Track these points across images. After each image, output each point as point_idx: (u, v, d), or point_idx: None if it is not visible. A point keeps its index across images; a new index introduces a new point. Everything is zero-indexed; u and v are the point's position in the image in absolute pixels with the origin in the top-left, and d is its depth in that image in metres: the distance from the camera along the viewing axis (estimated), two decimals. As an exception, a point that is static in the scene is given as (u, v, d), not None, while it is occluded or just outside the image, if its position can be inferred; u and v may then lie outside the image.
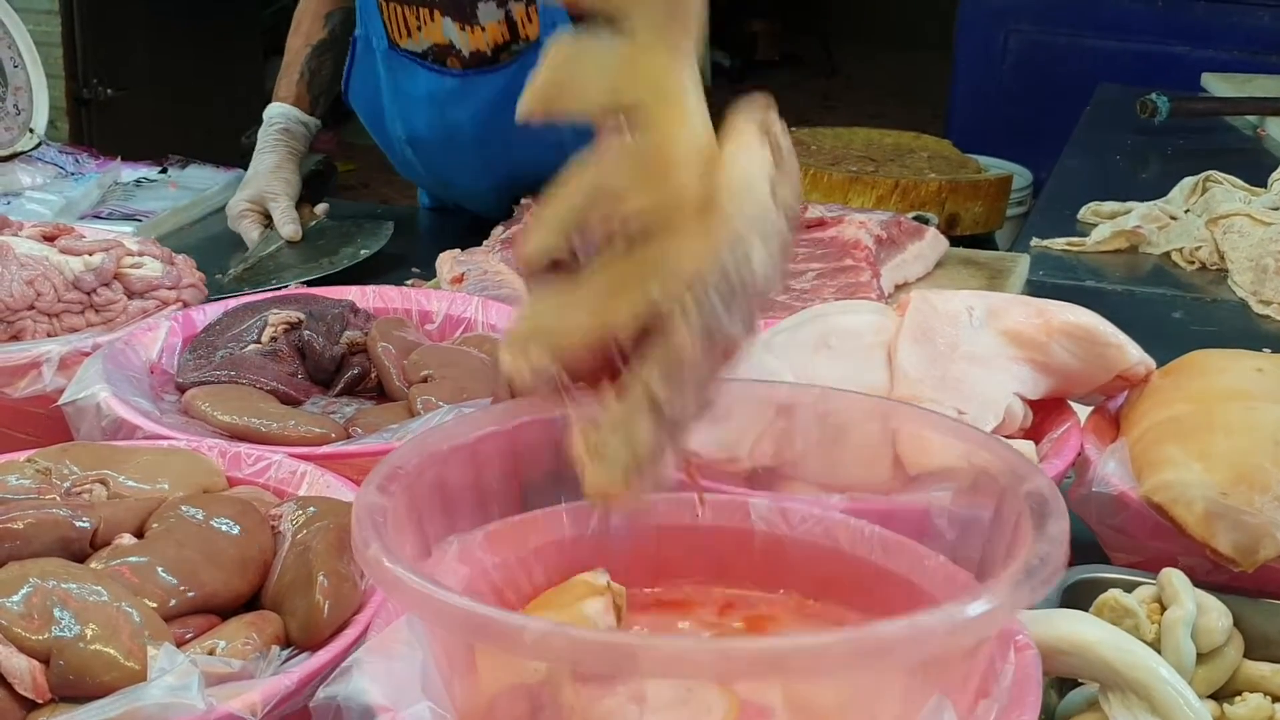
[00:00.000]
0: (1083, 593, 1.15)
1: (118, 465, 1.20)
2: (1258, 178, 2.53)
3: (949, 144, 3.18)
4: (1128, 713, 0.99)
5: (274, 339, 1.56)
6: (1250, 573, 1.15)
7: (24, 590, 0.98)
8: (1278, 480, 1.20)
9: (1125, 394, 1.41)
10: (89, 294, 1.61)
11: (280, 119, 2.35)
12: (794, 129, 3.15)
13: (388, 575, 0.85)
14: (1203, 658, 1.09)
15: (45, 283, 1.58)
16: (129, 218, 2.33)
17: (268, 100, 2.39)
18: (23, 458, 1.21)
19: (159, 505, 1.12)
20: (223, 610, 1.06)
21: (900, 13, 8.94)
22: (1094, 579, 1.18)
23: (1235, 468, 1.22)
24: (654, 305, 0.92)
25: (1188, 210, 2.47)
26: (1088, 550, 1.24)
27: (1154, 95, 3.15)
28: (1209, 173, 2.52)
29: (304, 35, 2.40)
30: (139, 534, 1.10)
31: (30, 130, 2.45)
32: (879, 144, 3.09)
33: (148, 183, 2.53)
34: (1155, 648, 1.05)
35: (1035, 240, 2.45)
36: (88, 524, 1.08)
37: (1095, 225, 2.49)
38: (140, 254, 1.71)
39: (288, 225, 2.23)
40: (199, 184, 2.52)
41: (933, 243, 2.18)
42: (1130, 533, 1.25)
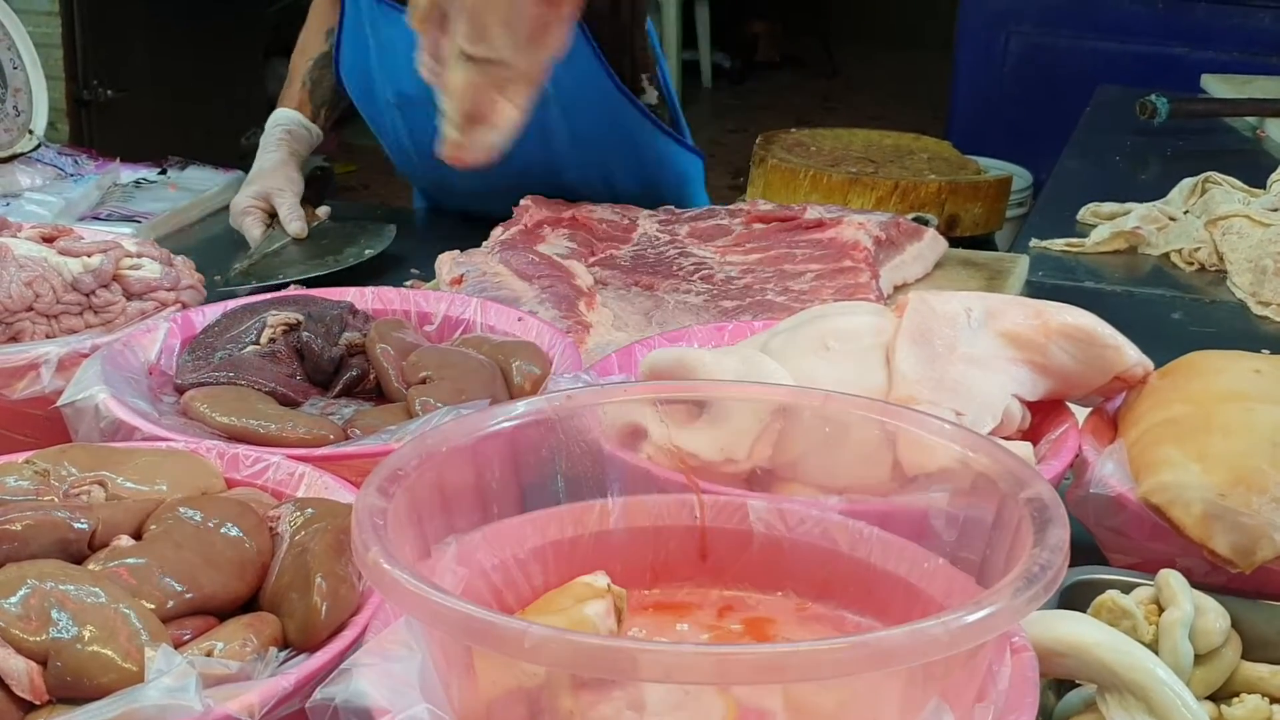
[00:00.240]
0: (1080, 594, 1.15)
1: (116, 467, 1.20)
2: (1257, 179, 2.53)
3: (949, 145, 3.17)
4: (1125, 714, 0.99)
5: (272, 340, 1.56)
6: (1248, 574, 1.15)
7: (22, 591, 0.98)
8: (1276, 482, 1.20)
9: (1123, 395, 1.41)
10: (88, 295, 1.61)
11: (284, 121, 2.37)
12: (794, 130, 3.15)
13: (387, 579, 0.85)
14: (1200, 659, 1.09)
15: (44, 284, 1.58)
16: (128, 219, 2.34)
17: (268, 101, 2.41)
18: (21, 459, 1.21)
19: (157, 507, 1.12)
20: (220, 612, 1.06)
21: (901, 14, 8.95)
22: (1092, 580, 1.18)
23: (1233, 469, 1.22)
24: None
25: (1187, 211, 2.47)
26: (1085, 552, 1.23)
27: (1153, 96, 3.15)
28: (1208, 174, 2.52)
29: (306, 51, 2.43)
30: (137, 535, 1.10)
31: (30, 132, 2.45)
32: (879, 145, 3.09)
33: (147, 184, 2.53)
34: (1153, 649, 1.05)
35: (1034, 241, 2.45)
36: (86, 525, 1.08)
37: (1094, 226, 2.49)
38: (139, 255, 1.71)
39: (294, 222, 2.23)
40: (198, 185, 2.53)
41: (932, 244, 2.18)
42: (1128, 534, 1.25)
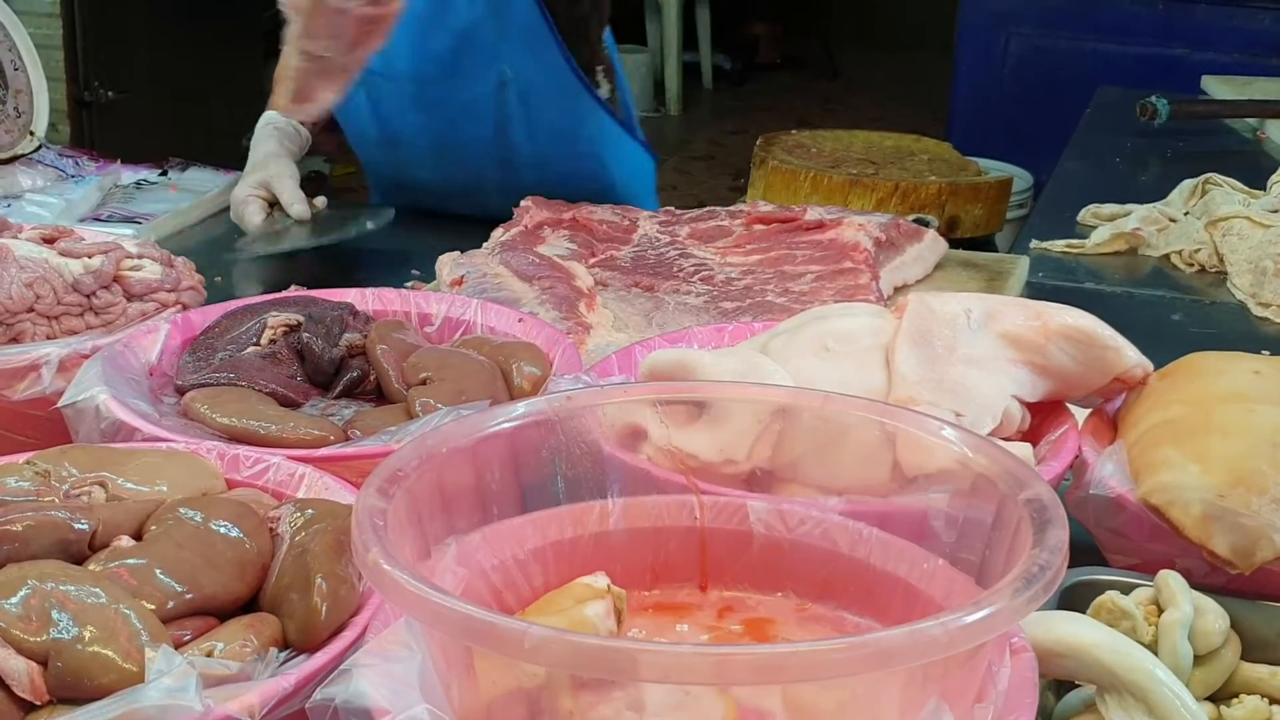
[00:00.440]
0: (1080, 595, 1.15)
1: (116, 467, 1.20)
2: (1257, 180, 2.53)
3: (949, 146, 3.18)
4: (1125, 715, 0.99)
5: (273, 341, 1.56)
6: (1247, 575, 1.15)
7: (22, 592, 0.98)
8: (1275, 482, 1.20)
9: (1123, 396, 1.41)
10: (88, 296, 1.61)
11: (274, 120, 2.39)
12: (795, 132, 3.16)
13: (387, 579, 0.85)
14: (1200, 660, 1.09)
15: (45, 285, 1.58)
16: (129, 220, 2.34)
17: (268, 103, 2.41)
18: (22, 460, 1.21)
19: (157, 507, 1.12)
20: (221, 612, 1.06)
21: (901, 16, 8.96)
22: (1091, 581, 1.18)
23: (1233, 470, 1.22)
24: None
25: (1187, 213, 2.47)
26: (1085, 552, 1.23)
27: (1154, 98, 3.15)
28: (1208, 175, 2.52)
29: None
30: (137, 536, 1.10)
31: (31, 133, 2.45)
32: (879, 147, 3.09)
33: (148, 184, 2.53)
34: (1152, 650, 1.05)
35: (1035, 242, 2.46)
36: (86, 526, 1.08)
37: (1095, 227, 2.50)
38: (140, 256, 1.71)
39: (296, 205, 2.25)
40: (199, 186, 2.53)
41: (932, 245, 2.19)
42: (1128, 535, 1.25)
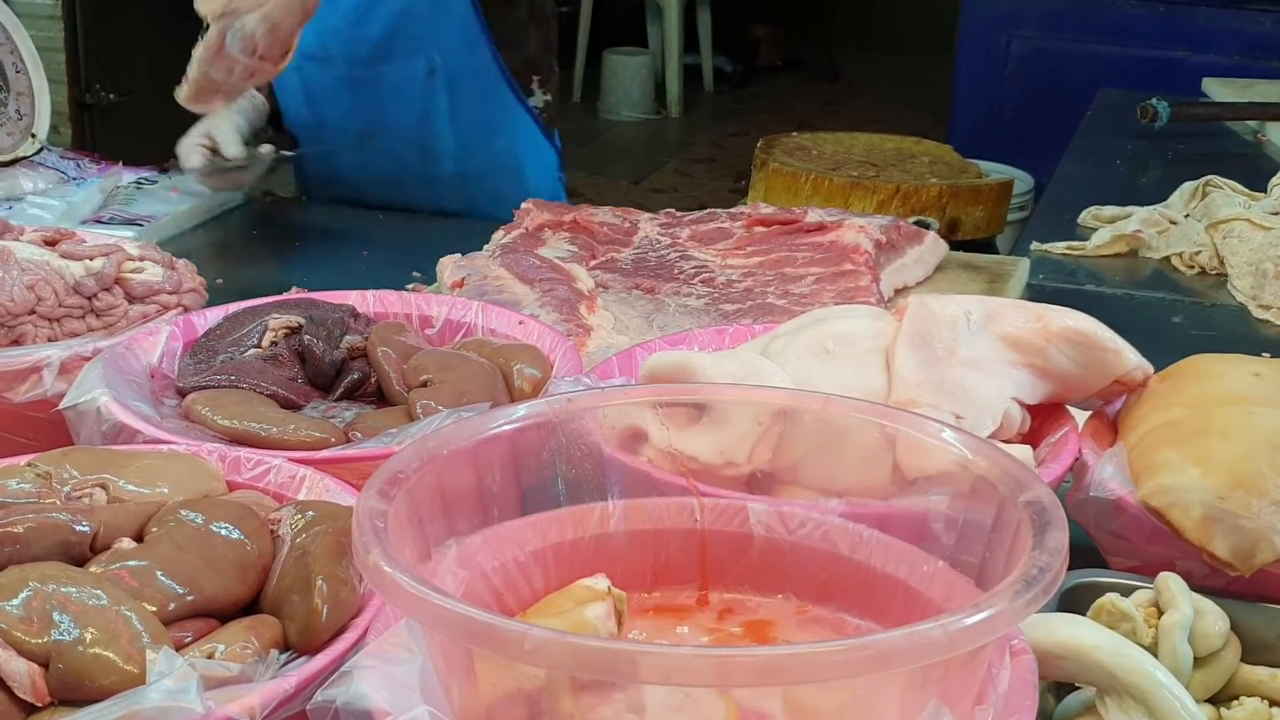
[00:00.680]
0: (1080, 597, 1.15)
1: (118, 469, 1.21)
2: (1258, 183, 2.53)
3: (950, 149, 3.17)
4: (1125, 717, 1.00)
5: (274, 343, 1.56)
6: (1247, 577, 1.15)
7: (24, 594, 0.98)
8: (1275, 485, 1.20)
9: (1123, 398, 1.41)
10: (90, 299, 1.62)
11: None
12: (795, 134, 3.16)
13: (388, 581, 0.85)
14: (1200, 662, 1.09)
15: (46, 287, 1.59)
16: (130, 222, 2.34)
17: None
18: (23, 462, 1.21)
19: (159, 509, 1.13)
20: (222, 614, 1.06)
21: (902, 18, 8.96)
22: (1091, 583, 1.18)
23: (1233, 472, 1.22)
24: None
25: (1187, 215, 2.47)
26: (1085, 554, 1.24)
27: (1154, 100, 3.15)
28: (1209, 177, 2.52)
29: None
30: (139, 538, 1.10)
31: (32, 135, 2.46)
32: (880, 149, 3.09)
33: (148, 184, 2.53)
34: (1152, 652, 1.05)
35: (1035, 244, 2.46)
36: (87, 528, 1.08)
37: (1095, 229, 2.50)
38: (141, 259, 1.71)
39: (231, 146, 2.38)
40: (200, 189, 2.52)
41: (932, 247, 2.19)
42: (1128, 537, 1.26)
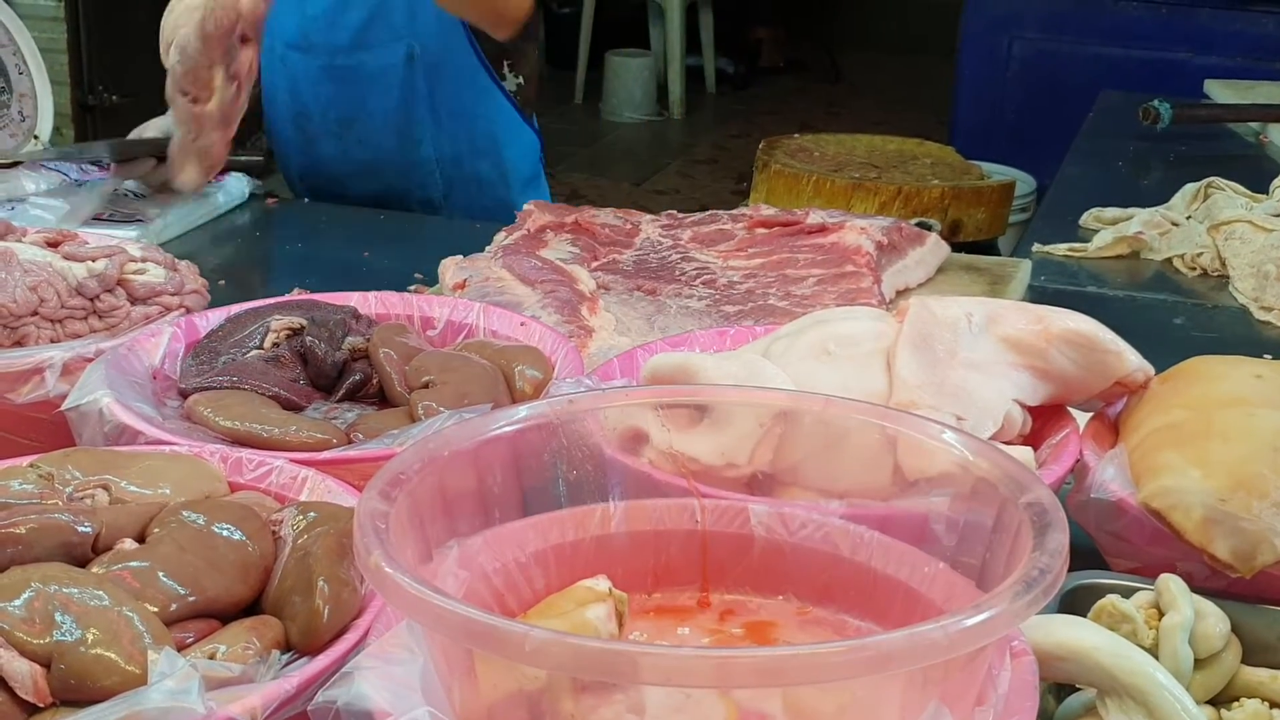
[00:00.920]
0: (1081, 598, 1.15)
1: (120, 470, 1.21)
2: (1259, 184, 2.53)
3: (952, 150, 3.18)
4: (1125, 718, 1.00)
5: (276, 345, 1.56)
6: (1248, 578, 1.15)
7: (26, 595, 0.98)
8: (1276, 486, 1.20)
9: (1125, 400, 1.41)
10: (92, 300, 1.62)
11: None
12: (797, 135, 3.16)
13: (389, 582, 0.85)
14: (1200, 663, 1.09)
15: (49, 289, 1.59)
16: (132, 223, 2.34)
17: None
18: (25, 463, 1.21)
19: (160, 510, 1.13)
20: (223, 615, 1.06)
21: (904, 20, 8.96)
22: (1092, 585, 1.18)
23: (1234, 474, 1.22)
24: None
25: (1189, 216, 2.47)
26: (1086, 556, 1.24)
27: (1156, 102, 3.15)
28: (1211, 179, 2.52)
29: None
30: (140, 539, 1.10)
31: (35, 136, 2.46)
32: (882, 150, 3.09)
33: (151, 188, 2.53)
34: (1153, 653, 1.05)
35: (1037, 246, 2.46)
36: (89, 529, 1.08)
37: (1097, 231, 2.50)
38: (143, 260, 1.72)
39: (149, 132, 2.41)
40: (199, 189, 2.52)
41: (934, 248, 2.19)
42: (1129, 539, 1.26)
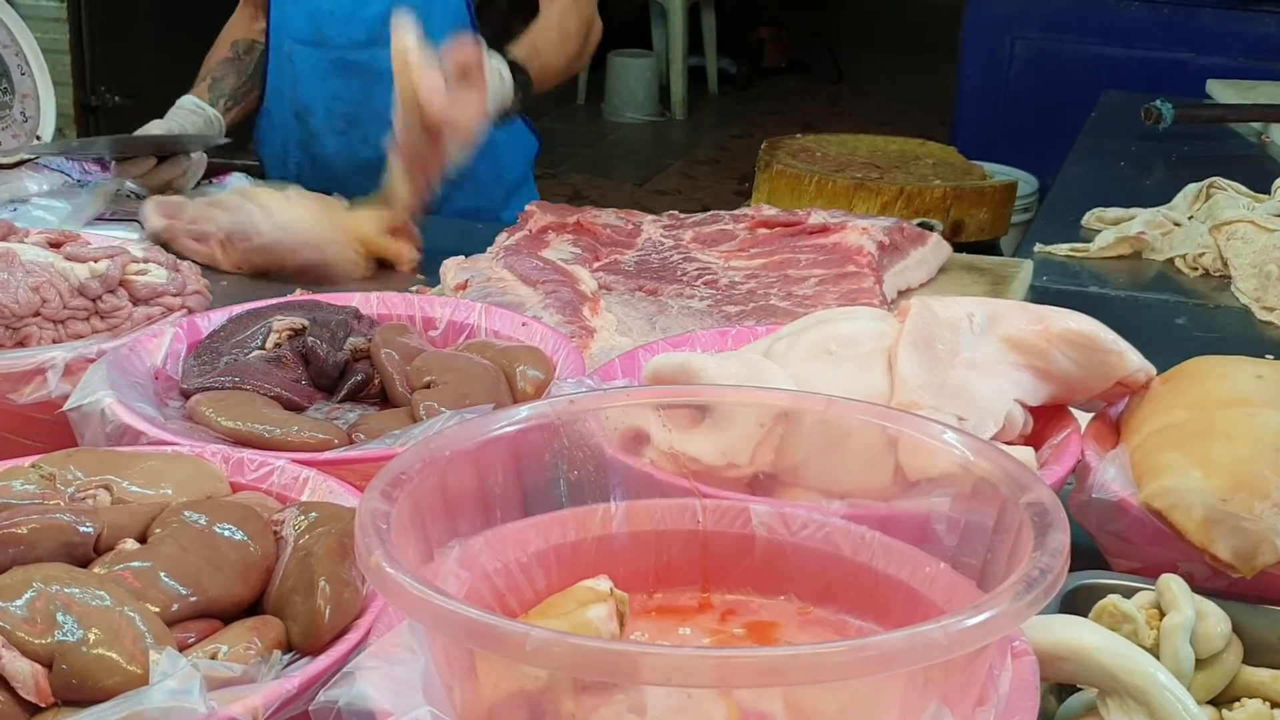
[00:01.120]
0: (1082, 598, 1.15)
1: (121, 471, 1.21)
2: (1262, 184, 2.53)
3: (954, 150, 3.18)
4: (1126, 718, 1.00)
5: (278, 345, 1.56)
6: (1249, 579, 1.15)
7: (27, 595, 0.98)
8: (1277, 487, 1.21)
9: (1126, 400, 1.41)
10: (94, 300, 1.62)
11: (184, 104, 2.62)
12: (799, 136, 3.16)
13: (390, 582, 0.85)
14: (1201, 663, 1.09)
15: (51, 289, 1.59)
16: (134, 223, 2.34)
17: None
18: (27, 463, 1.22)
19: (162, 510, 1.13)
20: (225, 615, 1.06)
21: (906, 20, 8.95)
22: (1093, 585, 1.18)
23: (1235, 474, 1.22)
24: None
25: (1191, 217, 2.47)
26: (1087, 556, 1.24)
27: (1159, 102, 3.15)
28: (1213, 179, 2.52)
29: (215, 55, 2.75)
30: (142, 539, 1.10)
31: (37, 137, 2.46)
32: (884, 151, 3.09)
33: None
34: (1154, 654, 1.05)
35: (1039, 246, 2.46)
36: (91, 529, 1.08)
37: (1099, 231, 2.50)
38: (145, 261, 1.72)
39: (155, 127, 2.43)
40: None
41: (935, 248, 2.19)
42: (1130, 539, 1.26)
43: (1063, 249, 2.44)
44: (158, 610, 1.01)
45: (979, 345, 1.35)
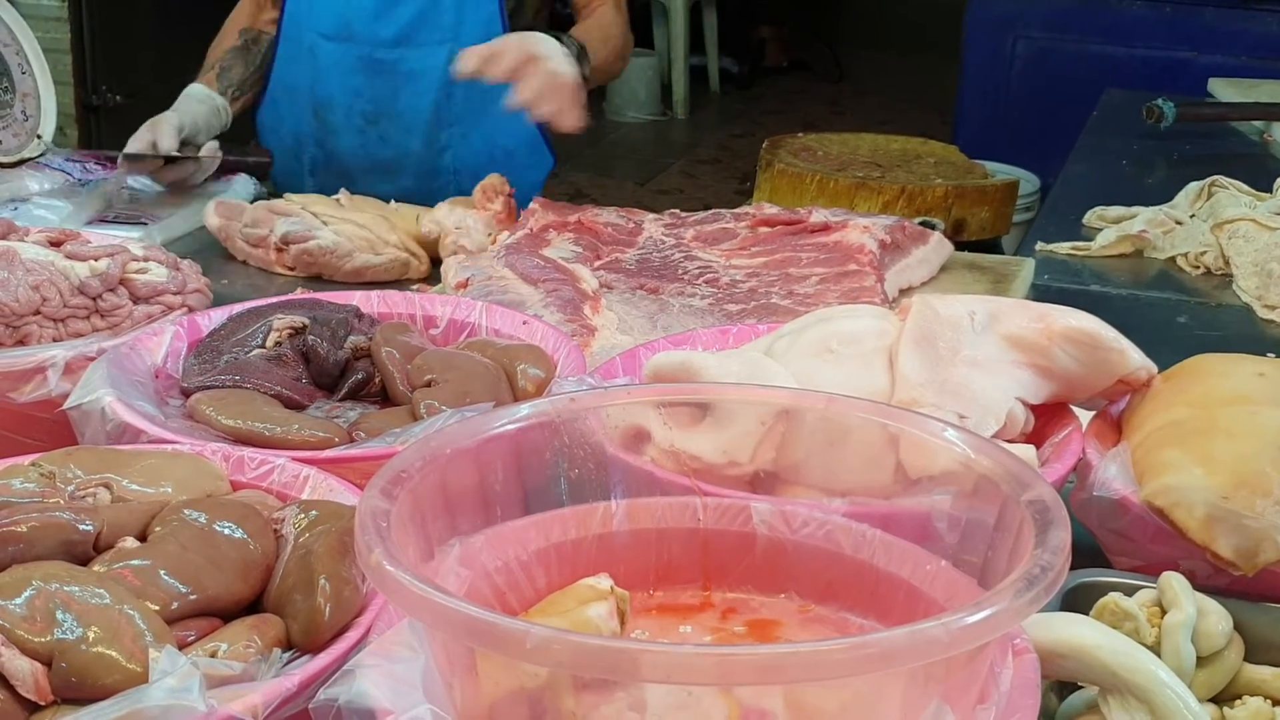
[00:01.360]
0: (1083, 596, 1.15)
1: (121, 469, 1.21)
2: (1263, 183, 2.53)
3: (955, 149, 3.17)
4: (1127, 716, 0.99)
5: (278, 344, 1.56)
6: (1251, 576, 1.15)
7: (27, 593, 0.98)
8: (1279, 484, 1.20)
9: (1127, 398, 1.41)
10: (94, 299, 1.62)
11: (192, 93, 2.59)
12: (801, 135, 3.16)
13: (390, 580, 0.85)
14: (1203, 661, 1.09)
15: (51, 288, 1.59)
16: (135, 223, 2.34)
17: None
18: (27, 461, 1.22)
19: (162, 509, 1.13)
20: (225, 613, 1.06)
21: (908, 19, 8.95)
22: (1094, 583, 1.18)
23: (1236, 472, 1.22)
24: None
25: (1193, 215, 2.47)
26: (1088, 554, 1.24)
27: (1160, 101, 3.15)
28: (1214, 178, 2.52)
29: (221, 44, 2.73)
30: (142, 537, 1.10)
31: (38, 136, 2.46)
32: (885, 149, 3.09)
33: (153, 188, 2.53)
34: (1155, 651, 1.05)
35: (1040, 244, 2.46)
36: (91, 527, 1.08)
37: (1100, 230, 2.50)
38: (145, 259, 1.72)
39: (165, 140, 2.39)
40: (199, 190, 2.52)
41: (937, 247, 2.18)
42: (1131, 537, 1.26)
43: (1064, 248, 2.44)
44: (157, 608, 1.01)
45: (980, 343, 1.35)
